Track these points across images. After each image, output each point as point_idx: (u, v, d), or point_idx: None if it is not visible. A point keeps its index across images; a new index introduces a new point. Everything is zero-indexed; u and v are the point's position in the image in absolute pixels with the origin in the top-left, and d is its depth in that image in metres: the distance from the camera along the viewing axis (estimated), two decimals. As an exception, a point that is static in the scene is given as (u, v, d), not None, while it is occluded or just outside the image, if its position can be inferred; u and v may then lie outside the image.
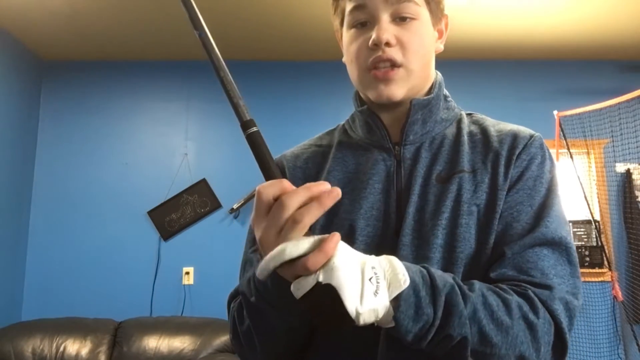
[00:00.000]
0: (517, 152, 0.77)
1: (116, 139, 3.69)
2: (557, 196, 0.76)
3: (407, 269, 0.60)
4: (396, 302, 0.58)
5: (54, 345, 2.95)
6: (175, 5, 0.66)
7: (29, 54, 3.60)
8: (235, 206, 3.54)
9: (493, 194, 0.75)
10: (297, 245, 0.55)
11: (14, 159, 3.42)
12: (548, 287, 0.67)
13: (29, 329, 3.04)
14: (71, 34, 3.36)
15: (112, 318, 3.20)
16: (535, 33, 3.38)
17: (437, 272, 0.63)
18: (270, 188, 0.57)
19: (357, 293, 0.55)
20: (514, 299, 0.64)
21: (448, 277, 0.63)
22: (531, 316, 0.64)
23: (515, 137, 0.79)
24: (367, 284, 0.56)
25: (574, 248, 0.73)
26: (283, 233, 0.56)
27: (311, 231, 0.58)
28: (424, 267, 0.63)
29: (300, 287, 0.55)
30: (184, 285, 3.51)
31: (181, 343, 2.98)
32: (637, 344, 3.17)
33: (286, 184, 0.57)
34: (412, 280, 0.59)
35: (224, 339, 3.00)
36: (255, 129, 0.61)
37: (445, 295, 0.60)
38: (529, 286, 0.67)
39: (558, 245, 0.71)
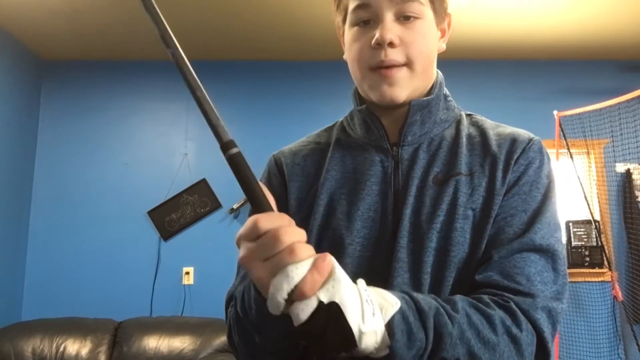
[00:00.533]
0: (515, 156, 0.77)
1: (116, 139, 3.69)
2: (552, 202, 0.75)
3: (392, 294, 0.59)
4: (389, 329, 0.56)
5: (54, 345, 2.95)
6: (175, 5, 0.64)
7: (29, 53, 3.60)
8: (235, 206, 3.54)
9: (489, 199, 0.74)
10: (298, 268, 0.52)
11: (14, 159, 3.42)
12: (531, 295, 0.67)
13: (29, 329, 3.04)
14: (71, 34, 3.36)
15: (112, 318, 3.20)
16: (535, 33, 3.37)
17: (419, 296, 0.62)
18: (270, 222, 0.54)
19: (359, 312, 0.52)
20: (497, 314, 0.64)
21: (430, 299, 0.62)
22: (514, 330, 0.64)
23: (514, 141, 0.79)
24: (365, 304, 0.54)
25: (562, 255, 0.72)
26: (275, 261, 0.52)
27: None
28: (404, 292, 0.62)
29: (300, 312, 0.51)
30: (184, 285, 3.51)
31: (181, 343, 2.98)
32: (637, 344, 3.17)
33: (286, 221, 0.54)
34: (400, 307, 0.57)
35: (224, 339, 3.00)
36: (236, 150, 0.57)
37: (433, 318, 0.59)
38: (511, 296, 0.66)
39: (545, 251, 0.71)
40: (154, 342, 2.98)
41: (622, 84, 3.45)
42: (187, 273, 3.52)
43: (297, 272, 0.51)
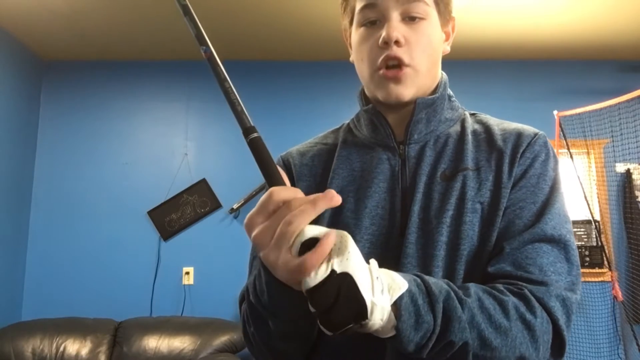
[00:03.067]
0: (521, 150, 0.78)
1: (116, 139, 3.69)
2: (560, 194, 0.76)
3: (402, 276, 0.60)
4: (396, 311, 0.57)
5: (54, 345, 2.95)
6: (174, 6, 0.66)
7: (29, 54, 3.60)
8: (235, 206, 3.54)
9: (497, 192, 0.75)
10: (313, 229, 0.55)
11: (14, 159, 3.42)
12: (544, 284, 0.67)
13: (29, 329, 3.04)
14: (71, 34, 3.36)
15: (112, 318, 3.20)
16: (535, 33, 3.37)
17: (431, 279, 0.63)
18: (284, 192, 0.56)
19: (369, 286, 0.55)
20: (511, 300, 0.64)
21: (442, 283, 0.63)
22: (528, 316, 0.64)
23: (519, 135, 0.80)
24: (376, 281, 0.56)
25: (574, 246, 0.73)
26: (277, 235, 0.55)
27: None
28: (416, 275, 0.63)
29: (311, 277, 0.53)
30: (184, 285, 3.51)
31: (181, 343, 2.98)
32: (637, 344, 3.17)
33: (300, 192, 0.57)
34: (409, 289, 0.58)
35: (224, 339, 3.00)
36: (256, 134, 0.62)
37: (442, 302, 0.60)
38: (525, 284, 0.67)
39: (557, 242, 0.71)
40: (154, 342, 2.98)
41: (622, 84, 3.45)
42: (187, 273, 3.52)
43: (315, 231, 0.55)
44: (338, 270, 0.53)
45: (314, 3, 2.96)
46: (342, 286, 0.53)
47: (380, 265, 0.75)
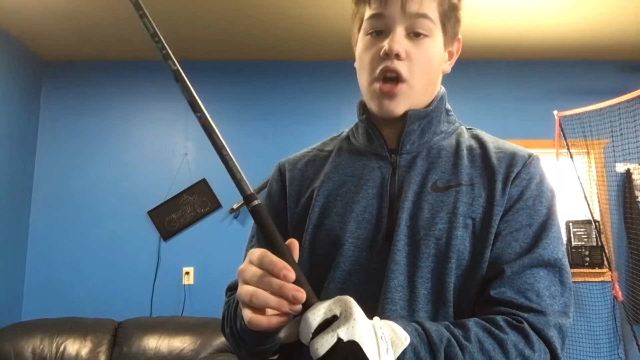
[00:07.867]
0: (515, 170, 0.79)
1: (116, 139, 3.69)
2: (556, 216, 0.79)
3: (404, 327, 0.61)
4: None
5: (54, 345, 2.95)
6: (175, 5, 0.65)
7: (29, 54, 3.60)
8: (235, 206, 3.54)
9: (489, 209, 0.77)
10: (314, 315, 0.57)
11: (14, 159, 3.42)
12: (543, 313, 0.70)
13: (29, 329, 3.04)
14: (71, 34, 3.36)
15: (112, 318, 3.20)
16: (535, 33, 3.37)
17: (432, 327, 0.64)
18: (249, 270, 0.60)
19: (375, 350, 0.55)
20: (509, 339, 0.66)
21: (443, 330, 0.65)
22: (527, 352, 0.67)
23: (513, 156, 0.81)
24: (381, 341, 0.56)
25: (568, 268, 0.76)
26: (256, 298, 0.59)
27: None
28: (417, 323, 0.65)
29: (320, 347, 0.54)
30: (184, 285, 3.51)
31: (181, 343, 2.98)
32: (637, 344, 3.17)
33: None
34: (411, 342, 0.60)
35: (223, 339, 3.00)
36: (257, 201, 0.62)
37: (444, 351, 0.62)
38: (525, 315, 0.69)
39: (553, 266, 0.74)
40: (154, 342, 2.98)
41: (622, 84, 3.45)
42: (187, 273, 3.52)
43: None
44: (345, 338, 0.54)
45: (314, 3, 2.96)
46: (349, 355, 0.53)
47: (367, 269, 0.76)
